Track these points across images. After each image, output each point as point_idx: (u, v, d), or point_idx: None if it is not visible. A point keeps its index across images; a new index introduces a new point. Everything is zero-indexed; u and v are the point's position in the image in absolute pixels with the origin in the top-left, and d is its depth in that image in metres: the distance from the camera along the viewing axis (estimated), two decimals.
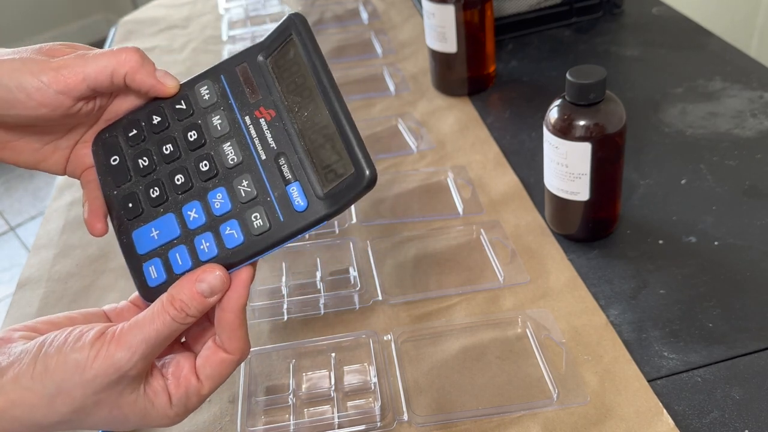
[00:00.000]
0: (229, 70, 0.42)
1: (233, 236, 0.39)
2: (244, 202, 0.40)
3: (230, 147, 0.41)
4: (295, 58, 0.40)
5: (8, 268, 2.10)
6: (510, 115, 0.84)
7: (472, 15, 0.82)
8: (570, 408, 0.51)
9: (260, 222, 0.39)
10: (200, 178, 0.40)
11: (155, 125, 0.42)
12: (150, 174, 0.41)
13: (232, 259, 0.39)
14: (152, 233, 0.41)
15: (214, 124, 0.41)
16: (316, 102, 0.39)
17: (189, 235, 0.40)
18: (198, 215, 0.40)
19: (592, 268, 0.63)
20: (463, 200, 0.72)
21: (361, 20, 1.12)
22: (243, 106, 0.41)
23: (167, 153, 0.41)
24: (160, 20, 1.21)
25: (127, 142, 0.42)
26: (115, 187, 0.42)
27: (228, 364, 0.40)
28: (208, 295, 0.38)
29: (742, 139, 0.75)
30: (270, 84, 0.41)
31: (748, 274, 0.60)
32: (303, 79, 0.40)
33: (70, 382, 0.36)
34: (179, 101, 0.42)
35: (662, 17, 1.00)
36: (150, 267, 0.40)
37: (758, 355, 0.53)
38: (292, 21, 0.40)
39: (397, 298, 0.62)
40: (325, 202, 0.39)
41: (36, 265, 0.73)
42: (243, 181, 0.40)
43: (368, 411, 0.53)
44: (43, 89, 0.39)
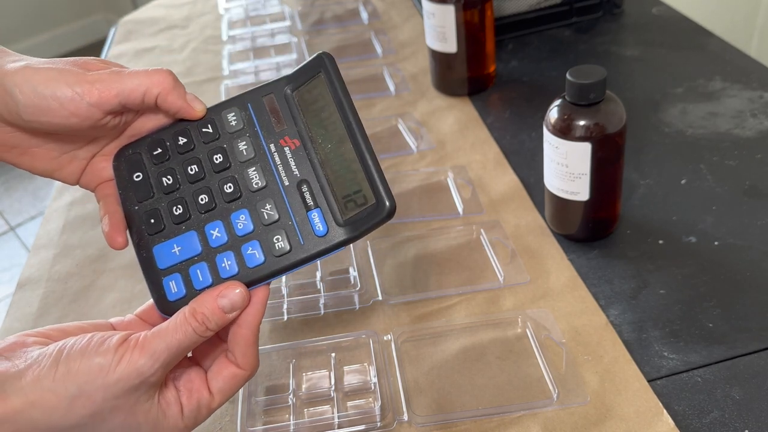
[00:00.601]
0: (256, 99, 0.44)
1: (255, 256, 0.41)
2: (267, 224, 0.42)
3: (255, 172, 0.43)
4: (322, 94, 0.43)
5: (8, 268, 2.10)
6: (510, 115, 0.84)
7: (472, 15, 0.82)
8: (570, 408, 0.51)
9: (281, 244, 0.41)
10: (224, 199, 0.42)
11: (181, 146, 0.44)
12: (173, 192, 0.43)
13: (252, 278, 0.41)
14: (174, 249, 0.42)
15: (240, 149, 0.43)
16: (340, 135, 0.42)
17: (211, 253, 0.42)
18: (221, 234, 0.42)
19: (592, 268, 0.63)
20: (463, 200, 0.72)
21: (361, 20, 1.12)
22: (268, 134, 0.43)
23: (192, 173, 0.43)
24: (160, 20, 1.21)
25: (151, 160, 0.44)
26: (137, 202, 0.43)
27: (239, 379, 0.41)
28: (228, 311, 0.40)
29: (742, 139, 0.75)
30: (295, 115, 0.43)
31: (748, 274, 0.60)
32: (328, 114, 0.42)
33: (92, 384, 0.36)
34: (206, 125, 0.44)
35: (662, 17, 1.00)
36: (170, 282, 0.42)
37: (758, 355, 0.53)
38: (321, 59, 0.43)
39: (397, 298, 0.62)
40: (344, 228, 0.41)
41: (36, 265, 0.73)
42: (266, 205, 0.42)
43: (368, 411, 0.53)
44: (76, 100, 0.40)
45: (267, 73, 0.98)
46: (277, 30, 1.10)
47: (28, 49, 2.98)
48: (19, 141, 0.43)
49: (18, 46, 2.96)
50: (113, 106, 0.41)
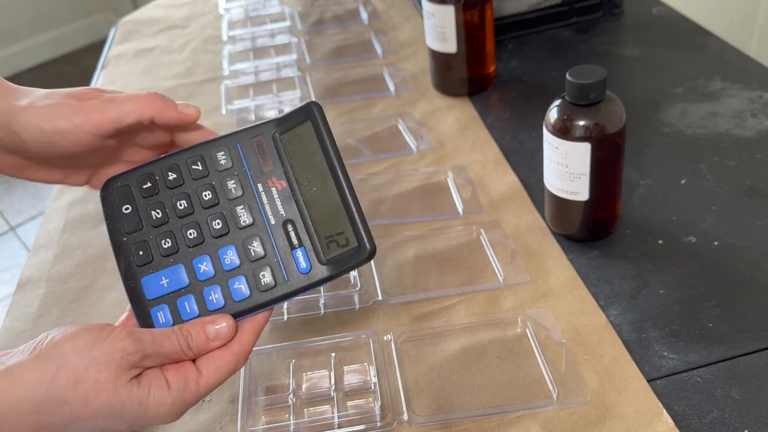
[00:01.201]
0: (245, 140, 0.46)
1: (241, 290, 0.43)
2: (253, 260, 0.44)
3: (243, 209, 0.45)
4: (309, 139, 0.45)
5: (8, 268, 2.10)
6: (510, 115, 0.84)
7: (472, 15, 0.82)
8: (570, 408, 0.51)
9: (267, 280, 0.43)
10: (212, 235, 0.45)
11: (170, 181, 0.45)
12: (162, 225, 0.45)
13: (237, 310, 0.43)
14: (162, 281, 0.44)
15: (229, 187, 0.45)
16: (324, 179, 0.44)
17: (198, 286, 0.44)
18: (208, 268, 0.44)
19: (592, 268, 0.63)
20: (463, 200, 0.72)
21: (361, 20, 1.12)
22: (256, 174, 0.45)
23: (181, 208, 0.45)
24: (160, 20, 1.22)
25: (140, 193, 0.45)
26: (126, 233, 0.45)
27: (229, 360, 0.42)
28: (212, 339, 0.42)
29: (742, 139, 0.75)
30: (283, 157, 0.45)
31: (748, 274, 0.60)
32: (314, 158, 0.44)
33: (77, 356, 0.38)
34: (196, 162, 0.46)
35: (662, 17, 1.00)
36: (158, 312, 0.43)
37: (758, 355, 0.53)
38: (310, 108, 0.45)
39: (397, 298, 0.62)
40: (327, 267, 0.43)
41: (36, 265, 0.73)
42: (253, 242, 0.44)
43: (368, 411, 0.53)
44: (75, 132, 0.44)
45: (267, 73, 0.98)
46: (277, 30, 1.10)
47: (28, 49, 2.98)
48: (29, 162, 0.47)
49: (18, 46, 2.96)
50: (110, 132, 0.44)
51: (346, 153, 0.81)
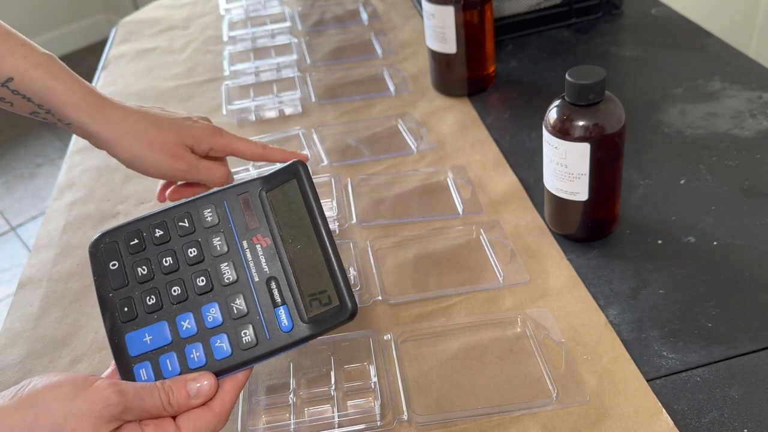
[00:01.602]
0: (231, 197, 0.46)
1: (222, 348, 0.43)
2: (236, 318, 0.44)
3: (227, 266, 0.45)
4: (294, 197, 0.45)
5: (9, 268, 2.10)
6: (510, 116, 0.85)
7: (471, 16, 0.82)
8: (569, 407, 0.52)
9: (249, 338, 0.43)
10: (196, 292, 0.44)
11: (157, 237, 0.46)
12: (148, 282, 0.45)
13: (218, 368, 0.43)
14: (145, 338, 0.44)
15: (214, 244, 0.45)
16: (309, 237, 0.44)
17: (180, 344, 0.44)
18: (191, 326, 0.44)
19: (592, 268, 0.63)
20: (462, 200, 0.72)
21: (361, 21, 1.12)
22: (242, 231, 0.46)
23: (166, 265, 0.45)
24: (160, 21, 1.22)
25: (127, 250, 0.46)
26: (112, 290, 0.45)
27: (209, 421, 0.42)
28: (193, 396, 0.42)
29: (741, 140, 0.75)
30: (268, 215, 0.46)
31: (747, 274, 0.60)
32: (298, 216, 0.45)
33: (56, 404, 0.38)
34: (183, 219, 0.46)
35: (661, 18, 1.00)
36: (141, 369, 0.43)
37: (757, 355, 0.54)
38: (295, 166, 0.46)
39: (397, 298, 0.62)
40: (309, 325, 0.44)
41: (37, 265, 0.73)
42: (236, 299, 0.44)
43: (368, 410, 0.53)
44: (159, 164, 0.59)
45: (267, 74, 0.98)
46: (278, 31, 1.10)
47: None
48: None
49: None
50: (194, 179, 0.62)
51: (347, 153, 0.82)
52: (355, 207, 0.73)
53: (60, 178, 0.87)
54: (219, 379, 0.43)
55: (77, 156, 0.90)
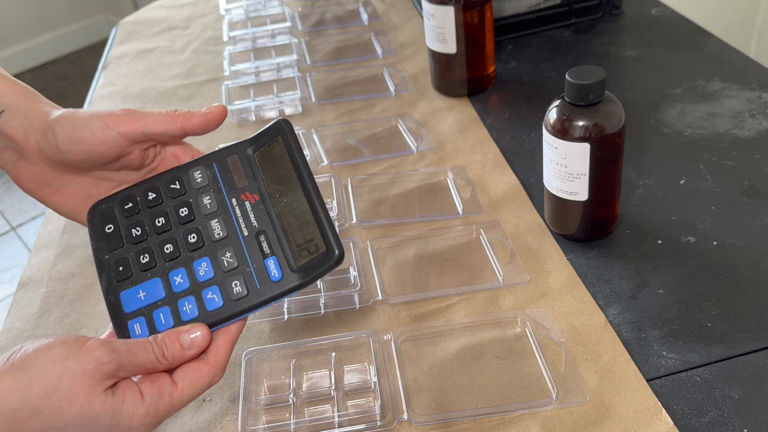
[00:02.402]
0: (220, 159, 0.48)
1: (214, 300, 0.44)
2: (226, 271, 0.45)
3: (217, 223, 0.46)
4: (280, 155, 0.47)
5: (9, 268, 2.10)
6: (509, 116, 0.85)
7: (471, 16, 0.82)
8: (569, 407, 0.52)
9: (239, 289, 0.45)
10: (187, 249, 0.46)
11: (150, 200, 0.48)
12: (141, 242, 0.47)
13: (211, 321, 0.44)
14: (139, 294, 0.45)
15: (204, 203, 0.47)
16: (295, 191, 0.46)
17: (173, 298, 0.45)
18: (183, 280, 0.45)
19: (591, 268, 0.63)
20: (462, 200, 0.72)
21: (361, 21, 1.12)
22: (231, 189, 0.47)
23: (159, 225, 0.47)
24: (161, 21, 1.22)
25: (122, 213, 0.48)
26: (108, 252, 0.47)
27: (205, 374, 0.43)
28: (187, 348, 0.43)
29: (740, 140, 0.75)
30: (256, 173, 0.47)
31: (747, 274, 0.60)
32: (285, 172, 0.46)
33: (49, 367, 0.38)
34: (174, 182, 0.48)
35: (661, 18, 1.00)
36: (135, 324, 0.45)
37: (757, 355, 0.54)
38: (280, 125, 0.47)
39: (397, 297, 0.62)
40: (297, 274, 0.45)
41: (37, 265, 0.73)
42: (226, 253, 0.46)
43: (368, 410, 0.53)
44: (106, 129, 0.47)
45: (267, 74, 0.99)
46: (278, 31, 1.10)
47: (29, 50, 2.98)
48: (53, 179, 0.49)
49: (19, 46, 2.96)
50: (138, 136, 0.47)
51: (347, 153, 0.82)
52: (355, 207, 0.73)
53: None
54: (212, 331, 0.44)
55: None
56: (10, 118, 0.49)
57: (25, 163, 0.49)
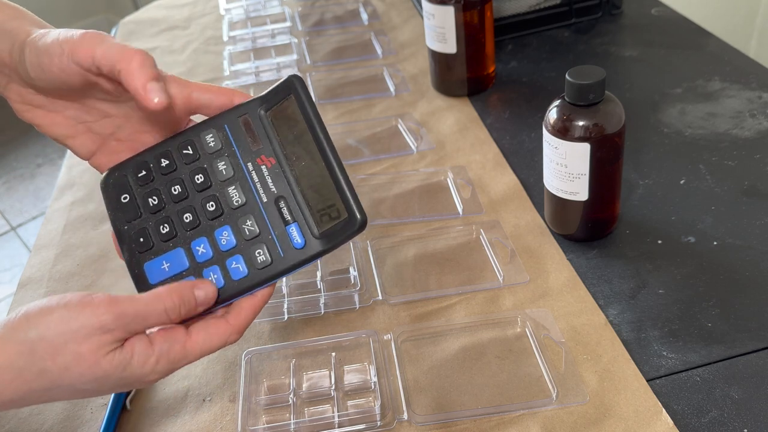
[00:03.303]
0: (232, 120, 0.46)
1: (239, 269, 0.44)
2: (248, 239, 0.44)
3: (234, 190, 0.45)
4: (293, 114, 0.45)
5: (9, 268, 2.10)
6: (509, 116, 0.85)
7: (471, 16, 0.82)
8: (569, 407, 0.52)
9: (263, 257, 0.44)
10: (207, 217, 0.45)
11: (163, 167, 0.46)
12: (159, 212, 0.46)
13: (236, 289, 0.44)
14: (163, 265, 0.45)
15: (220, 169, 0.46)
16: (312, 153, 0.44)
17: (198, 268, 0.44)
18: (206, 250, 0.44)
19: (592, 268, 0.63)
20: (462, 200, 0.72)
21: (361, 21, 1.12)
22: (245, 153, 0.46)
23: (176, 193, 0.46)
24: (160, 21, 1.22)
25: (136, 182, 0.46)
26: (126, 222, 0.46)
27: (223, 331, 0.42)
28: (200, 303, 0.42)
29: (741, 140, 0.75)
30: (270, 134, 0.45)
31: (747, 274, 0.60)
32: (300, 132, 0.44)
33: (54, 330, 0.38)
34: (186, 146, 0.46)
35: (661, 18, 1.00)
36: None
37: (757, 355, 0.54)
38: (291, 81, 0.45)
39: (397, 297, 0.62)
40: (320, 240, 0.44)
41: (37, 265, 0.73)
42: (247, 221, 0.45)
43: (368, 410, 0.53)
44: (62, 56, 0.43)
45: (267, 74, 0.99)
46: (278, 31, 1.10)
47: None
48: (42, 102, 0.47)
49: None
50: (90, 66, 0.43)
51: (347, 153, 0.82)
52: None
53: (60, 178, 0.87)
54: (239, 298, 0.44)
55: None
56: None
57: (14, 84, 0.47)
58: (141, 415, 0.56)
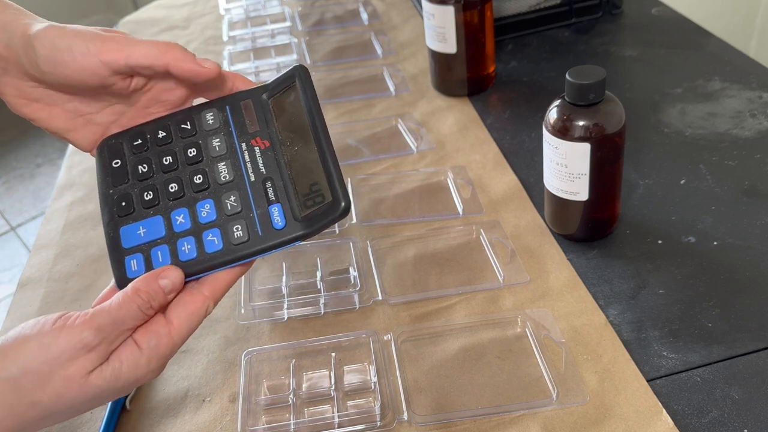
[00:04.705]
0: (234, 102, 0.47)
1: (214, 242, 0.44)
2: (229, 215, 0.44)
3: (224, 166, 0.46)
4: (294, 102, 0.46)
5: (9, 268, 2.10)
6: (510, 116, 0.85)
7: (471, 16, 0.82)
8: (569, 407, 0.52)
9: (240, 233, 0.44)
10: (192, 189, 0.45)
11: (160, 139, 0.47)
12: (147, 179, 0.46)
13: (209, 263, 0.43)
14: (139, 231, 0.44)
15: (214, 145, 0.46)
16: (306, 139, 0.45)
17: (173, 237, 0.44)
18: (185, 221, 0.44)
19: (592, 268, 0.63)
20: (462, 200, 0.72)
21: (361, 21, 1.12)
22: (241, 134, 0.46)
23: (166, 164, 0.46)
24: (160, 21, 1.22)
25: (131, 150, 0.47)
26: (113, 186, 0.46)
27: (200, 305, 0.42)
28: (168, 291, 0.41)
29: (741, 140, 0.75)
30: (269, 119, 0.46)
31: (747, 274, 0.60)
32: (298, 120, 0.45)
33: (34, 361, 0.37)
34: (185, 122, 0.47)
35: (661, 18, 1.00)
36: (132, 260, 0.44)
37: (757, 355, 0.54)
38: (296, 71, 0.46)
39: (397, 298, 0.62)
40: (301, 223, 0.43)
41: (37, 265, 0.73)
42: (231, 197, 0.45)
43: (368, 410, 0.53)
44: (88, 55, 0.43)
45: (267, 74, 0.98)
46: (278, 31, 1.10)
47: None
48: (40, 95, 0.46)
49: None
50: (121, 67, 0.44)
51: (347, 153, 0.82)
52: (355, 207, 0.73)
53: (60, 178, 0.87)
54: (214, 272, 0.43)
55: (77, 156, 0.90)
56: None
57: (9, 78, 0.45)
58: (141, 415, 0.56)
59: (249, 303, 0.63)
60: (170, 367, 0.59)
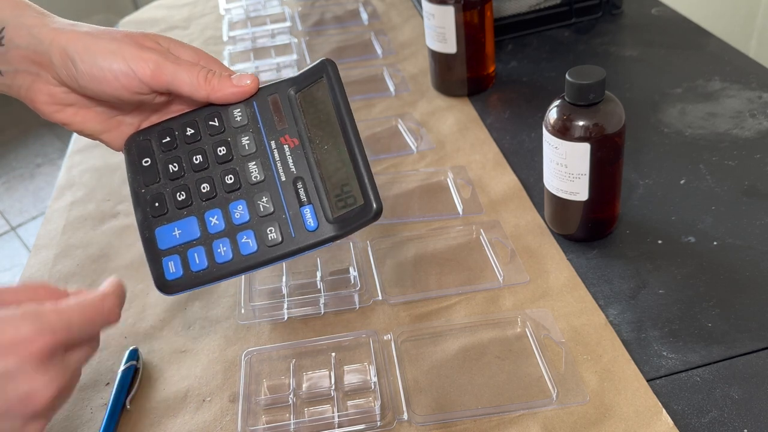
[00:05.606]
0: (261, 98, 0.47)
1: (248, 245, 0.44)
2: (262, 216, 0.44)
3: (255, 166, 0.45)
4: (322, 98, 0.45)
5: (9, 268, 2.10)
6: (509, 116, 0.85)
7: (471, 16, 0.82)
8: (569, 407, 0.52)
9: (274, 235, 0.44)
10: (224, 189, 0.45)
11: (188, 136, 0.47)
12: (178, 179, 0.46)
13: (243, 265, 0.44)
14: (174, 232, 0.45)
15: (243, 144, 0.46)
16: (336, 138, 0.44)
17: (208, 239, 0.44)
18: (219, 222, 0.44)
19: (592, 268, 0.63)
20: (462, 200, 0.72)
21: (361, 21, 1.12)
22: (270, 131, 0.46)
23: (197, 163, 0.46)
24: (160, 21, 1.22)
25: (159, 147, 0.47)
26: (144, 185, 0.46)
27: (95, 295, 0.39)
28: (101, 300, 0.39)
29: (741, 140, 0.75)
30: (297, 116, 0.46)
31: (747, 274, 0.60)
32: (327, 117, 0.44)
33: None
34: (213, 118, 0.47)
35: (661, 18, 1.00)
36: (170, 262, 0.44)
37: (757, 355, 0.54)
38: (324, 65, 0.46)
39: (397, 297, 0.62)
40: (333, 225, 0.44)
41: (37, 265, 0.73)
42: (263, 198, 0.45)
43: (368, 410, 0.53)
44: (130, 75, 0.44)
45: (267, 74, 0.98)
46: (278, 31, 1.10)
47: None
48: (74, 100, 0.47)
49: None
50: (161, 89, 0.45)
51: None
52: None
53: (60, 178, 0.87)
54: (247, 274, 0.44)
55: (77, 156, 0.90)
56: (14, 35, 0.45)
57: (42, 84, 0.46)
58: (141, 415, 0.56)
59: (249, 303, 0.63)
60: (170, 367, 0.59)
